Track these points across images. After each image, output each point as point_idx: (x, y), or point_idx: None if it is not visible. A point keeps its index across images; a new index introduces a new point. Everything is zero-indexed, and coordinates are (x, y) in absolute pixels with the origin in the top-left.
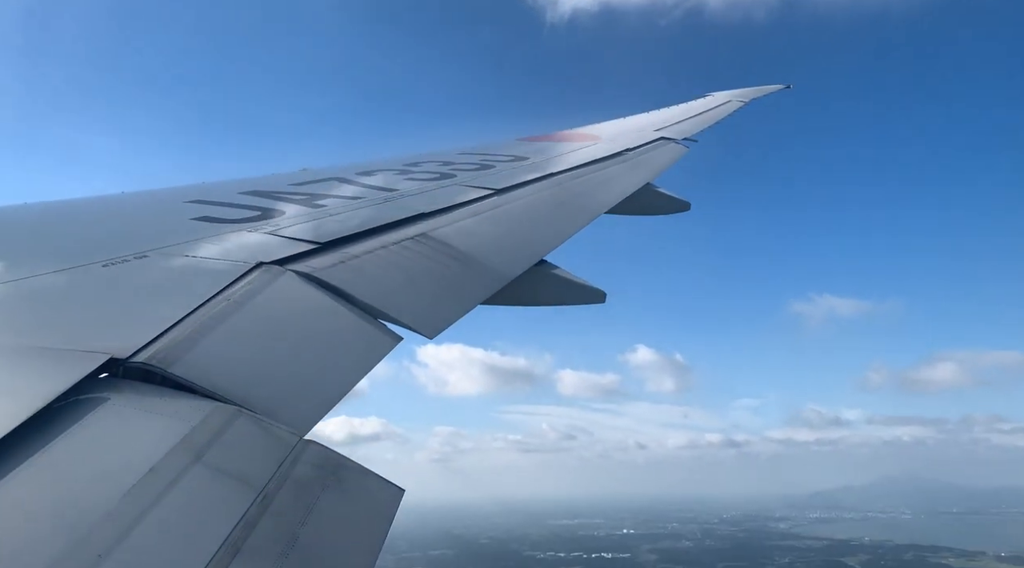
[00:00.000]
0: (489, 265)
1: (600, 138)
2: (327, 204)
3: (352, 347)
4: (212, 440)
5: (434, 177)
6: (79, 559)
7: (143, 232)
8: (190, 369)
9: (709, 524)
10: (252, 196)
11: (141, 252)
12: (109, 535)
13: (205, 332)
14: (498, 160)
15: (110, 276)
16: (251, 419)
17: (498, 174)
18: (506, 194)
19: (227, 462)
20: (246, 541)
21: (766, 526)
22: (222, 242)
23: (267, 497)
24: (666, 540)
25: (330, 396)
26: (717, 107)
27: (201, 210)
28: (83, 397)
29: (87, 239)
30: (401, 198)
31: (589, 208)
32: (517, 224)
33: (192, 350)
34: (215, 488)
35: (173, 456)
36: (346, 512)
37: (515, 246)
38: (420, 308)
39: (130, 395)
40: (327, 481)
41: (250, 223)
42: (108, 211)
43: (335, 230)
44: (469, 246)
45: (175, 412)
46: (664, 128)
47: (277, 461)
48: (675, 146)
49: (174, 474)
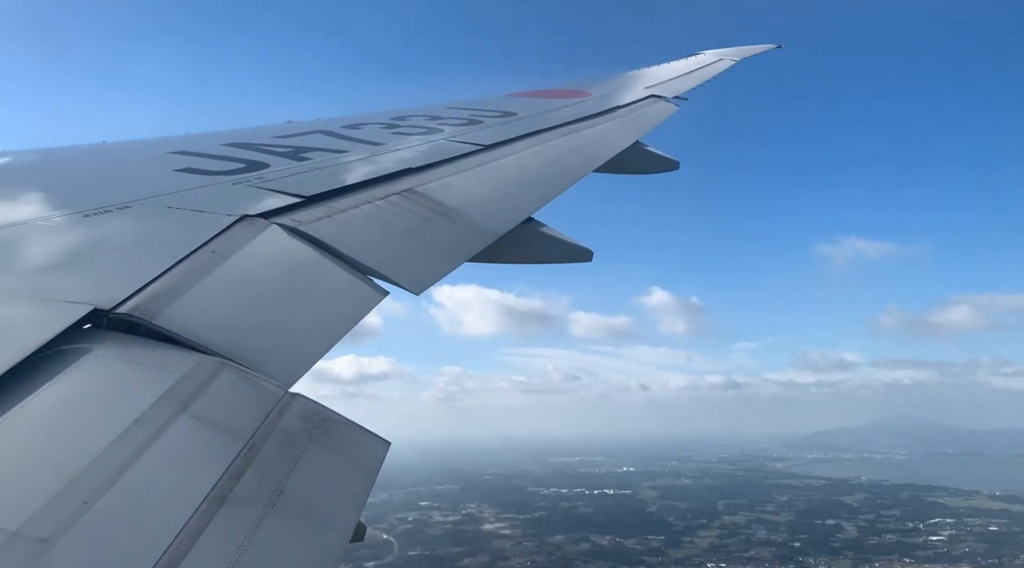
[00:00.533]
0: (476, 222)
1: (590, 95)
2: (312, 157)
3: (337, 301)
4: (197, 391)
5: (422, 131)
6: (65, 506)
7: (126, 182)
8: (174, 321)
9: (707, 463)
10: (237, 148)
11: (124, 203)
12: (95, 484)
13: (189, 284)
14: (487, 116)
15: (92, 226)
16: (236, 371)
17: (487, 130)
18: (495, 150)
19: (213, 413)
20: (232, 491)
21: (764, 466)
22: (206, 194)
23: (253, 448)
24: (666, 478)
25: (315, 349)
26: (708, 65)
27: (185, 161)
28: (66, 347)
29: (68, 189)
30: (388, 152)
31: (578, 166)
32: (505, 181)
33: (176, 302)
34: (201, 439)
35: (159, 407)
36: (332, 464)
37: (503, 203)
38: (406, 264)
39: (114, 346)
40: (313, 433)
41: (234, 175)
42: (90, 160)
43: (321, 184)
44: (456, 202)
45: (160, 363)
46: (655, 86)
47: (263, 413)
48: (665, 104)
49: (160, 424)
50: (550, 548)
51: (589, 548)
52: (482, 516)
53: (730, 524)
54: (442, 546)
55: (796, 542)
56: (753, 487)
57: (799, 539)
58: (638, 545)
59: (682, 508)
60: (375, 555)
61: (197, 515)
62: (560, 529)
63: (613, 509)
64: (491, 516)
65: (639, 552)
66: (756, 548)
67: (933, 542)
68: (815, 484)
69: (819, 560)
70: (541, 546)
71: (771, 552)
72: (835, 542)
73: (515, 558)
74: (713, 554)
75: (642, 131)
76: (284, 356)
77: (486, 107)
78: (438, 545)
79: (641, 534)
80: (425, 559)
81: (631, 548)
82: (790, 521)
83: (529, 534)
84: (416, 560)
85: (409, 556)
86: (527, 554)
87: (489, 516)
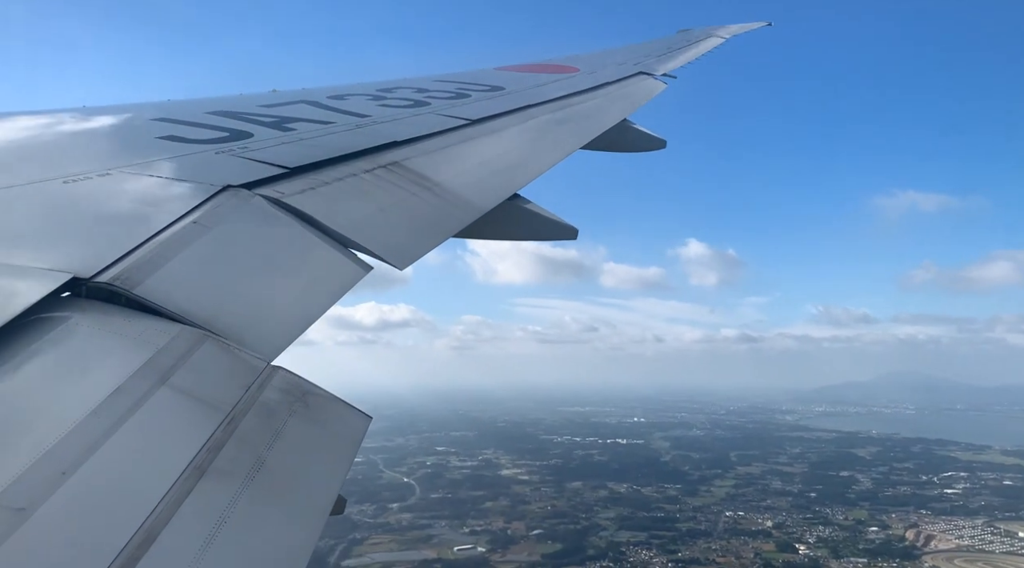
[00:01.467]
0: (462, 197)
1: (579, 70)
2: (297, 128)
3: (320, 275)
4: (178, 363)
5: (408, 104)
6: (42, 475)
7: (106, 149)
8: (155, 291)
9: (716, 415)
10: (220, 116)
11: (104, 170)
12: (74, 453)
13: (170, 254)
14: (475, 89)
15: (72, 193)
16: (217, 343)
17: (474, 104)
18: (482, 125)
19: (193, 385)
20: (212, 463)
21: (773, 418)
22: (189, 163)
23: (234, 421)
24: (677, 429)
25: (297, 323)
26: (698, 43)
27: (167, 129)
28: (45, 315)
29: (47, 154)
30: (374, 125)
31: (565, 142)
32: (491, 157)
33: (157, 272)
34: (181, 410)
35: (139, 377)
36: (313, 437)
37: (489, 179)
38: (390, 238)
39: (94, 315)
40: (294, 407)
41: (218, 144)
42: (69, 126)
43: (305, 155)
44: (442, 177)
45: (140, 334)
46: (643, 62)
47: (244, 386)
48: (654, 81)
49: (139, 395)
50: (569, 494)
51: (607, 495)
52: (499, 462)
53: (745, 474)
54: (463, 489)
55: (812, 493)
56: (764, 439)
57: (814, 490)
58: (655, 493)
59: (696, 458)
60: (398, 497)
61: (176, 487)
62: (576, 476)
63: (628, 458)
64: (508, 462)
65: (656, 500)
66: (772, 498)
67: (948, 495)
68: (826, 437)
69: (836, 511)
70: (560, 492)
71: (788, 502)
72: (850, 493)
73: (535, 503)
74: (730, 503)
75: (631, 109)
76: (265, 329)
77: (473, 81)
78: (459, 489)
79: (657, 482)
80: (447, 501)
81: (648, 496)
82: (804, 472)
83: (547, 480)
84: (438, 503)
85: (431, 499)
86: (546, 499)
87: (506, 462)
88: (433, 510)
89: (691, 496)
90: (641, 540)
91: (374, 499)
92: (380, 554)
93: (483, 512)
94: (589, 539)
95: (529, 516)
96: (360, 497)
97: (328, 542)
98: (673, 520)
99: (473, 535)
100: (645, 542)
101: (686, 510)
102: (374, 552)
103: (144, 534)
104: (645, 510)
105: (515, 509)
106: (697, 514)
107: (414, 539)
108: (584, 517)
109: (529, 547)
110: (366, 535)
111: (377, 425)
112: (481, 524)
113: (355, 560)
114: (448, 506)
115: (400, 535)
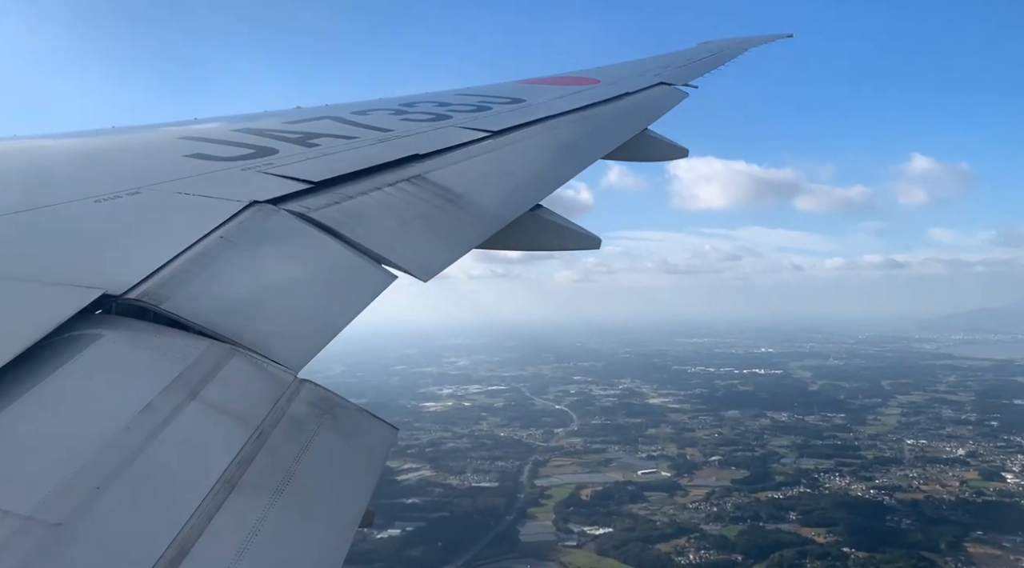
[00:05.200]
0: (484, 209)
1: (599, 82)
2: (321, 143)
3: (345, 287)
4: (207, 377)
5: (430, 118)
6: (77, 492)
7: (135, 168)
8: (184, 307)
9: (847, 345)
10: (245, 134)
11: (134, 189)
12: (106, 469)
13: (199, 270)
14: (496, 102)
15: (102, 212)
16: (246, 357)
17: (495, 116)
18: (503, 137)
19: (223, 399)
20: (242, 477)
21: (910, 347)
22: (215, 180)
23: (263, 434)
24: (811, 359)
25: (323, 335)
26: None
27: (194, 147)
28: (76, 333)
29: (78, 175)
30: (396, 138)
31: (586, 153)
32: (513, 168)
33: (186, 288)
34: (211, 425)
35: (169, 392)
36: (341, 450)
37: (510, 190)
38: (414, 250)
39: (124, 331)
40: (322, 419)
41: (243, 161)
42: (99, 146)
43: (329, 170)
44: (464, 189)
45: (170, 349)
46: (663, 73)
47: (272, 399)
48: (675, 91)
49: (170, 410)
50: (730, 422)
51: (769, 423)
52: (642, 391)
53: (907, 403)
54: (619, 417)
55: (992, 421)
56: (913, 368)
57: (993, 418)
58: (821, 422)
59: (848, 387)
60: (559, 423)
61: (208, 501)
62: (729, 405)
63: (774, 387)
64: (651, 391)
65: (825, 428)
66: (951, 426)
67: None
68: (979, 365)
69: None
70: (720, 420)
71: (970, 430)
72: None
73: (699, 430)
74: (906, 431)
75: (651, 118)
76: (292, 342)
77: (494, 94)
78: (615, 415)
79: (819, 411)
80: (609, 428)
81: (814, 424)
82: (973, 401)
83: (699, 409)
84: (601, 429)
85: (593, 425)
86: (709, 427)
87: (648, 391)
88: (599, 435)
89: (859, 424)
90: (829, 467)
91: (537, 424)
92: (566, 476)
93: (650, 438)
94: (772, 466)
95: (700, 443)
96: (524, 422)
97: (514, 463)
98: (854, 448)
99: (651, 460)
100: (834, 469)
101: (862, 438)
102: (560, 474)
103: (177, 548)
104: (819, 438)
105: (681, 436)
106: (876, 442)
107: (593, 462)
108: (757, 445)
109: (714, 472)
110: (546, 457)
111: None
112: (654, 450)
113: (545, 480)
114: (612, 432)
115: (579, 458)
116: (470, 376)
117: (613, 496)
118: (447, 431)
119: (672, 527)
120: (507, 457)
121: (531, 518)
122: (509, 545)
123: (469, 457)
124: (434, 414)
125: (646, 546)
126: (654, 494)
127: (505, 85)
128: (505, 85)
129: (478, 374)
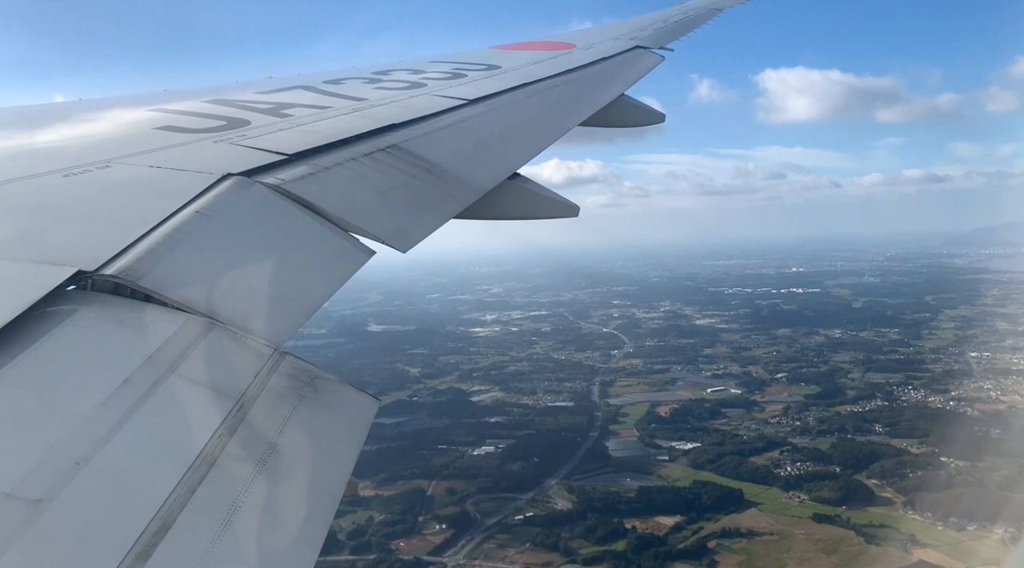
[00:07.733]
0: (462, 178)
1: (575, 46)
2: (294, 114)
3: (324, 260)
4: (186, 351)
5: (405, 86)
6: (57, 466)
7: (105, 141)
8: (160, 282)
9: (877, 262)
10: (216, 105)
11: (104, 162)
12: (87, 444)
13: (174, 245)
14: (471, 69)
15: (72, 186)
16: (225, 331)
17: (471, 84)
18: (479, 104)
19: (202, 373)
20: (223, 450)
21: (943, 263)
22: (188, 152)
23: (243, 408)
24: (845, 276)
25: (303, 309)
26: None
27: (165, 119)
28: (51, 309)
29: (45, 148)
30: (371, 108)
31: (563, 119)
32: (490, 136)
33: (161, 263)
34: (191, 398)
35: (147, 367)
36: (323, 422)
37: (488, 159)
38: (392, 221)
39: (100, 307)
40: (303, 392)
41: (216, 133)
42: (67, 118)
43: (303, 141)
44: (441, 158)
45: (147, 324)
46: (639, 36)
47: (252, 372)
48: (651, 55)
49: (149, 385)
50: (785, 340)
51: (824, 340)
52: (684, 313)
53: (958, 317)
54: (670, 337)
55: None
56: (951, 282)
57: None
58: (876, 337)
59: (893, 303)
60: (613, 346)
61: (190, 473)
62: (777, 323)
63: (817, 305)
64: (694, 312)
65: (883, 343)
66: (1012, 338)
67: None
68: (1019, 278)
69: None
70: (774, 339)
71: None
72: None
73: (756, 349)
74: (966, 344)
75: (628, 83)
76: (271, 316)
77: (469, 60)
78: (666, 336)
79: (873, 327)
80: (666, 348)
81: (870, 339)
82: None
83: (748, 328)
84: (657, 350)
85: (647, 346)
86: (766, 345)
87: (692, 312)
88: (657, 356)
89: (917, 339)
90: (900, 381)
91: (591, 347)
92: (637, 394)
93: (709, 358)
94: (840, 381)
95: (761, 361)
96: (578, 346)
97: (581, 384)
98: (919, 361)
99: (716, 378)
100: (904, 382)
101: (924, 352)
102: (630, 393)
103: (160, 521)
104: (879, 353)
105: (740, 355)
106: (940, 355)
107: (660, 382)
108: (819, 361)
109: (784, 389)
110: (611, 378)
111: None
112: (717, 368)
113: (618, 399)
114: (669, 353)
115: (643, 378)
116: (508, 303)
117: (692, 412)
118: (503, 355)
119: (762, 441)
120: (572, 378)
121: (615, 434)
122: (603, 459)
123: (535, 379)
124: (486, 339)
125: (741, 459)
126: (731, 410)
127: (480, 51)
128: (480, 51)
129: (515, 300)
